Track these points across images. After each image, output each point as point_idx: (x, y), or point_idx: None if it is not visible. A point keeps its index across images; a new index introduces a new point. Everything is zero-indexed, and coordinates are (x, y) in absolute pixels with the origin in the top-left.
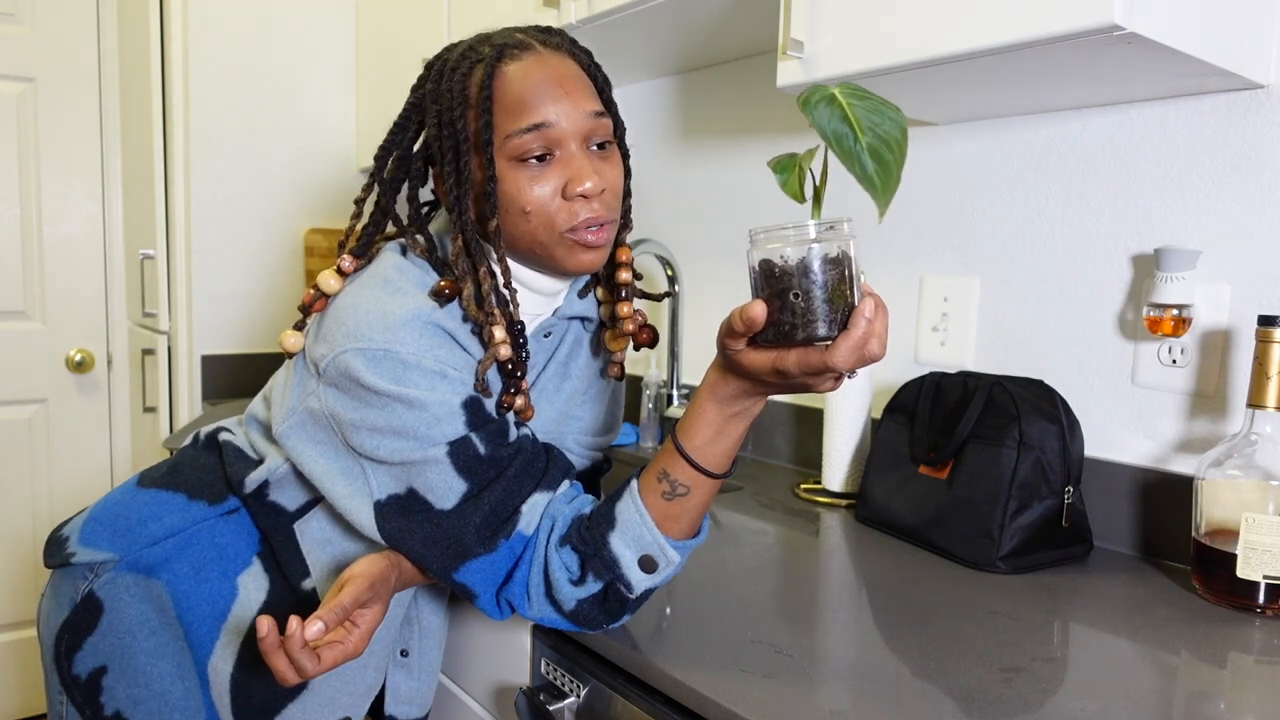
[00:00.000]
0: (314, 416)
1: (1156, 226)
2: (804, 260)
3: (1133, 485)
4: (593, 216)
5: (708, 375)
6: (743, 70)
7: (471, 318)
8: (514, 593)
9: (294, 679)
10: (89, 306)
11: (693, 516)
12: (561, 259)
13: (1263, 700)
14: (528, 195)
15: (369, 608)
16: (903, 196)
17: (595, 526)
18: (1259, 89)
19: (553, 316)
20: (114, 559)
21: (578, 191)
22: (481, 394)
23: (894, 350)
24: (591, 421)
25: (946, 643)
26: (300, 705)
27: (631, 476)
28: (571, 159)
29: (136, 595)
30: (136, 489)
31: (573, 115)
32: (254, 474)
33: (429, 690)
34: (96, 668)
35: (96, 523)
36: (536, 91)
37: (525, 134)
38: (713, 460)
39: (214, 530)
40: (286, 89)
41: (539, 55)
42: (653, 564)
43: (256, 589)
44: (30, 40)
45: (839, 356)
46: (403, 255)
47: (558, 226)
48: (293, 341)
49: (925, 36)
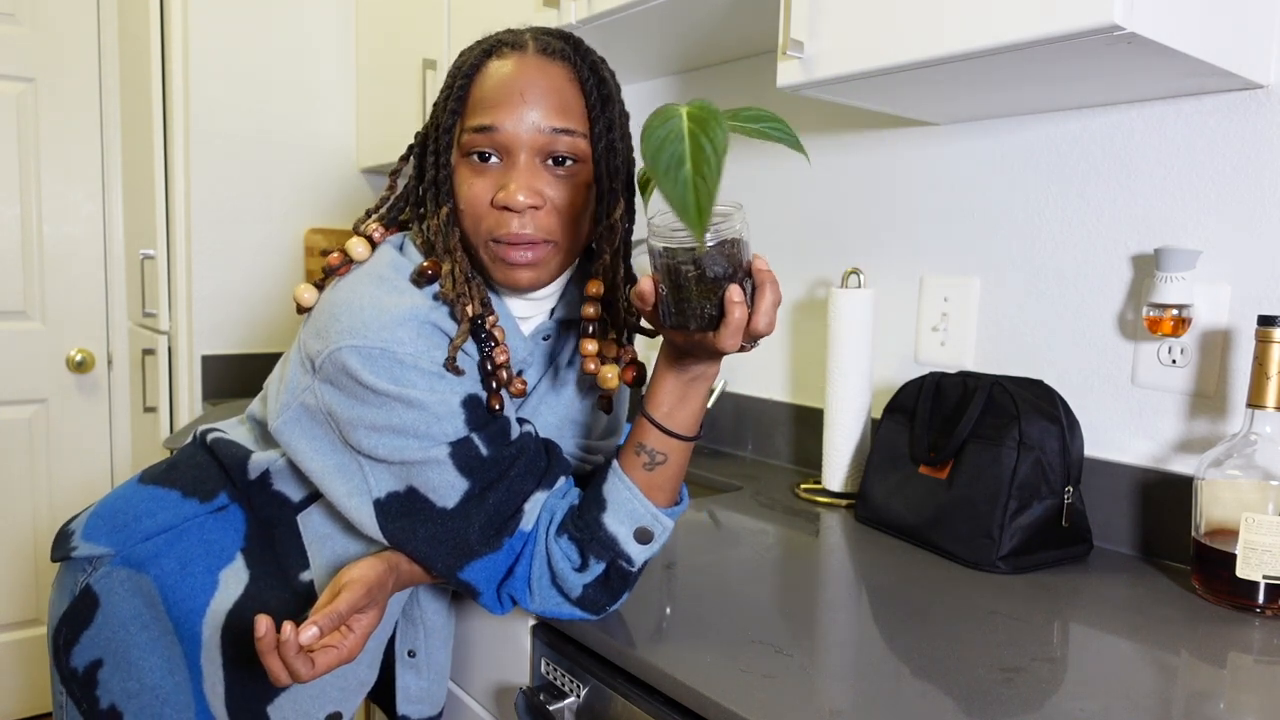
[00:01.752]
0: (310, 412)
1: (1156, 226)
2: (693, 256)
3: (1133, 485)
4: (516, 234)
5: (662, 348)
6: (743, 70)
7: (444, 294)
8: (515, 587)
9: (286, 680)
10: (89, 306)
11: (674, 484)
12: (489, 268)
13: (1263, 700)
14: (463, 192)
15: (365, 613)
16: (903, 196)
17: (587, 512)
18: (1259, 89)
19: (549, 320)
20: (109, 553)
21: (502, 202)
22: (453, 372)
23: (894, 350)
24: (593, 427)
25: (946, 643)
26: (290, 697)
27: (609, 458)
28: (513, 168)
29: (129, 589)
30: (138, 485)
31: (526, 125)
32: (255, 459)
33: (440, 689)
34: (93, 661)
35: (99, 518)
36: (499, 94)
37: (475, 133)
38: (682, 424)
39: (203, 527)
40: (287, 89)
41: (523, 58)
42: (647, 534)
43: (235, 583)
44: (30, 40)
45: (723, 342)
46: (399, 252)
47: (482, 233)
48: (307, 296)
49: (925, 37)
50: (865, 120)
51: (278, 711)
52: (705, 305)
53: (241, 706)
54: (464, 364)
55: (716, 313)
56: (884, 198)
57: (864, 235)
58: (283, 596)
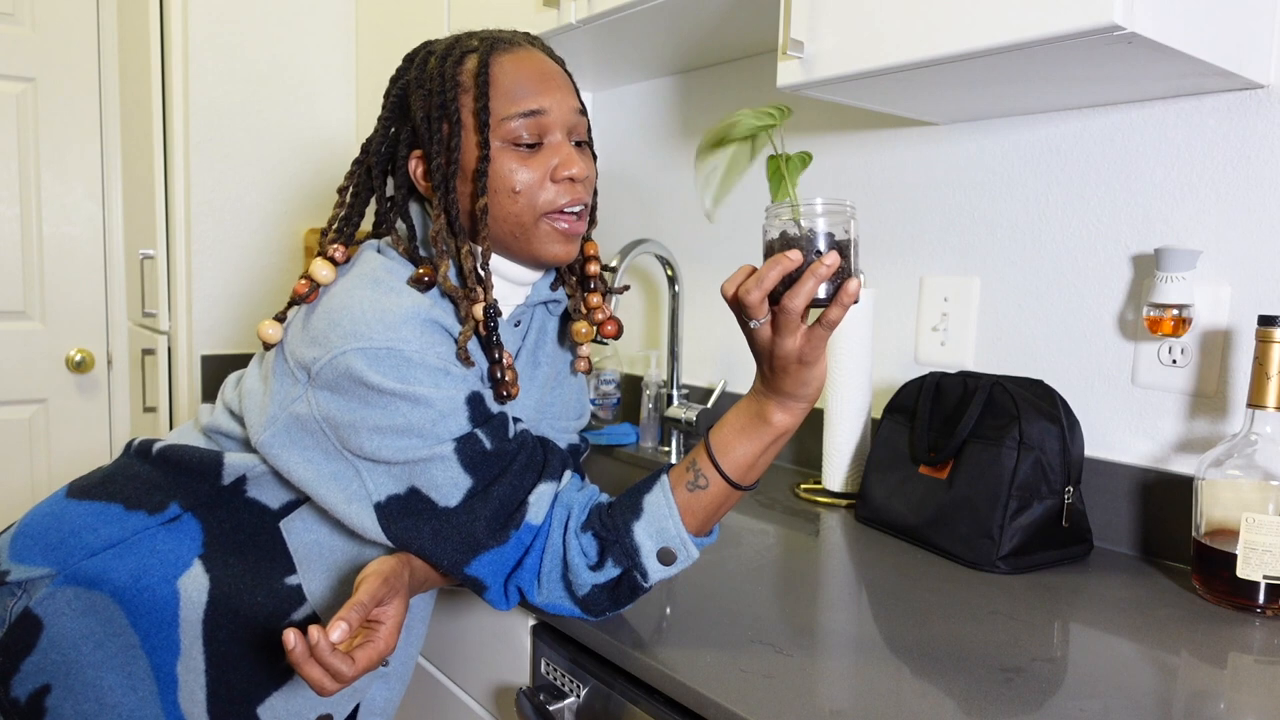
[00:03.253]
0: (300, 422)
1: (1156, 226)
2: (813, 230)
3: (1133, 485)
4: (575, 198)
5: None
6: (743, 70)
7: (449, 292)
8: (524, 579)
9: (332, 686)
10: (89, 306)
11: (712, 515)
12: (538, 245)
13: (1263, 700)
14: (518, 176)
15: (388, 603)
16: (903, 196)
17: (620, 514)
18: (1259, 89)
19: (523, 304)
20: (50, 574)
21: (566, 174)
22: (465, 364)
23: (894, 350)
24: (565, 407)
25: (946, 643)
26: (282, 697)
27: (660, 471)
28: (559, 146)
29: (78, 609)
30: (67, 500)
31: (562, 107)
32: (232, 461)
33: (399, 697)
34: (38, 688)
35: (27, 537)
36: (531, 81)
37: (521, 119)
38: (742, 472)
39: (154, 539)
40: (286, 89)
41: (528, 51)
42: (671, 556)
43: (197, 589)
44: (30, 40)
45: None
46: (380, 254)
47: (540, 207)
48: (271, 332)
49: (925, 36)
50: (865, 120)
51: (268, 712)
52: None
53: (227, 710)
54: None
55: (832, 289)
56: (884, 198)
57: (864, 235)
58: (259, 599)
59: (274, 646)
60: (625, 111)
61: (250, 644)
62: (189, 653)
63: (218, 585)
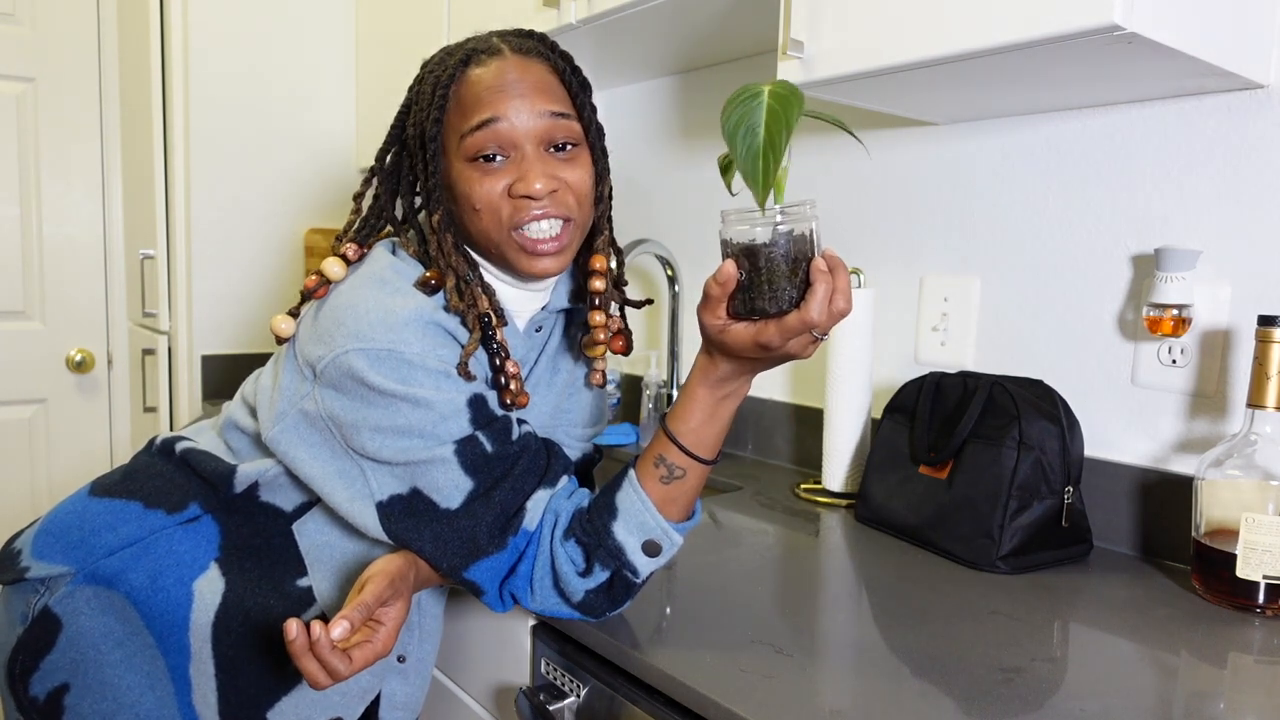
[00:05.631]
0: (309, 419)
1: (1156, 226)
2: (770, 239)
3: (1132, 485)
4: (543, 214)
5: (697, 361)
6: (743, 70)
7: (453, 308)
8: (517, 586)
9: (326, 681)
10: (89, 306)
11: (689, 498)
12: (514, 261)
13: (1263, 700)
14: (477, 192)
15: (391, 605)
16: (903, 196)
17: (597, 517)
18: (1259, 89)
19: (543, 311)
20: (69, 572)
21: (522, 192)
22: (464, 378)
23: (894, 350)
24: (581, 413)
25: (946, 643)
26: (293, 700)
27: (626, 466)
28: (523, 159)
29: (97, 608)
30: (89, 498)
31: (526, 115)
32: (243, 471)
33: (422, 693)
34: (57, 686)
35: (49, 535)
36: (490, 93)
37: (476, 131)
38: (705, 443)
39: (172, 539)
40: (286, 89)
41: (504, 60)
42: (656, 548)
43: (211, 592)
44: (30, 40)
45: (812, 312)
46: (393, 254)
47: (505, 224)
48: (284, 327)
49: (925, 36)
50: (865, 120)
51: (279, 715)
52: (786, 287)
53: (238, 713)
54: (473, 368)
55: (797, 294)
56: (884, 198)
57: (864, 235)
58: (270, 603)
59: (284, 650)
60: (625, 111)
61: (260, 648)
62: (199, 655)
63: (232, 588)
